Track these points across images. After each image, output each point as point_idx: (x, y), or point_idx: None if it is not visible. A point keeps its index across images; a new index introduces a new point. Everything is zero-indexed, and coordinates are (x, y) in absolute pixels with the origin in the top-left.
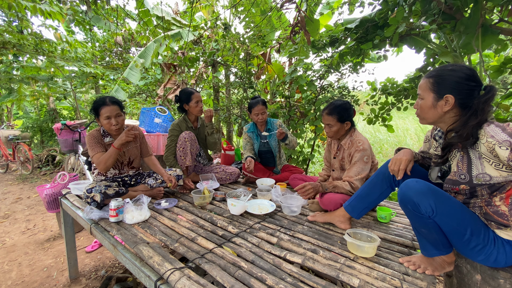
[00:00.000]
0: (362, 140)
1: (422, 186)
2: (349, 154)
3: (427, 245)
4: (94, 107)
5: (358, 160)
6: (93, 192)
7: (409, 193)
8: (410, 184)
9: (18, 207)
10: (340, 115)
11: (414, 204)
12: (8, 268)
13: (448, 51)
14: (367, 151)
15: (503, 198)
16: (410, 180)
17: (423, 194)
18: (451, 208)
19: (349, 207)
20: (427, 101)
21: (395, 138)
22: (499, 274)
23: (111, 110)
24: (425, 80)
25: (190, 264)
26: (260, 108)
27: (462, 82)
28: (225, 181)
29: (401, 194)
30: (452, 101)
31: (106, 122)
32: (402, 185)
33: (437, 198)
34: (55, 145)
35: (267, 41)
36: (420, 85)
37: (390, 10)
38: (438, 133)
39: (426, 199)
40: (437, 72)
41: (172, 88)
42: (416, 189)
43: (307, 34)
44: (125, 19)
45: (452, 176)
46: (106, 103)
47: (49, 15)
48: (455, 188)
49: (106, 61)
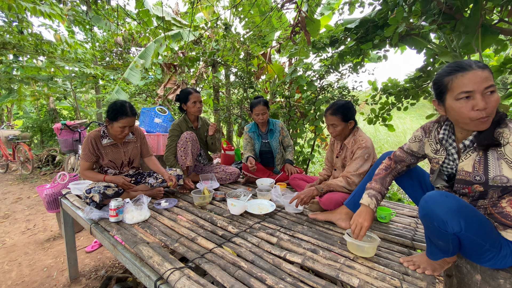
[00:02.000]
0: (365, 138)
1: (453, 203)
2: (351, 153)
3: (436, 251)
4: (114, 113)
5: (358, 156)
6: (92, 193)
7: (438, 211)
8: (438, 199)
9: (18, 207)
10: (344, 115)
11: (443, 222)
12: (8, 268)
13: (448, 51)
14: (369, 149)
15: (510, 200)
16: (437, 193)
17: (454, 213)
18: (479, 224)
19: (351, 204)
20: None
21: (395, 138)
22: (499, 274)
23: (129, 122)
24: (487, 71)
25: (190, 264)
26: (261, 109)
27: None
28: (225, 181)
29: (426, 209)
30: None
31: (119, 130)
32: (428, 199)
33: (467, 216)
34: (55, 145)
35: (267, 41)
36: (488, 77)
37: (390, 10)
38: (444, 137)
39: (457, 218)
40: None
41: (172, 88)
42: (447, 206)
43: (307, 34)
44: (125, 19)
45: (466, 176)
46: (128, 114)
47: (49, 17)
48: (467, 188)
49: (106, 61)
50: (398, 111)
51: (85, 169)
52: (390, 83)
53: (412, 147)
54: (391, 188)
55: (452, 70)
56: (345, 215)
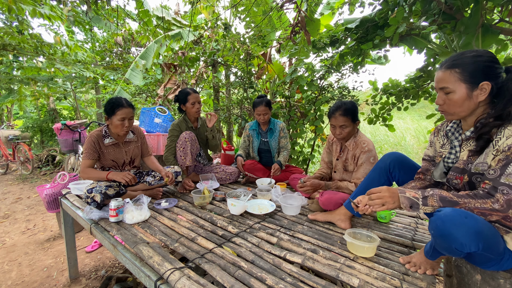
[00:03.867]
0: (366, 141)
1: (472, 223)
2: (353, 156)
3: (438, 254)
4: (110, 107)
5: (364, 161)
6: (93, 192)
7: (457, 234)
8: (457, 220)
9: (18, 207)
10: (354, 115)
11: (461, 244)
12: (8, 268)
13: (449, 51)
14: (373, 152)
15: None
16: (455, 213)
17: (474, 235)
18: (493, 241)
19: (350, 205)
20: (459, 93)
21: (395, 138)
22: (499, 274)
23: (127, 112)
24: (449, 72)
25: (190, 264)
26: (263, 109)
27: (493, 66)
28: (225, 181)
29: (443, 230)
30: (489, 88)
31: (119, 123)
32: (445, 218)
33: (486, 236)
34: (55, 145)
35: (268, 41)
36: (443, 78)
37: (390, 10)
38: (451, 129)
39: (476, 241)
40: (459, 61)
41: (172, 88)
42: (467, 228)
43: (307, 34)
44: (125, 19)
45: (461, 164)
46: (124, 105)
47: (48, 19)
48: (459, 178)
49: (106, 61)
50: (398, 111)
51: (86, 166)
52: (391, 83)
53: (429, 153)
54: None
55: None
56: (345, 215)
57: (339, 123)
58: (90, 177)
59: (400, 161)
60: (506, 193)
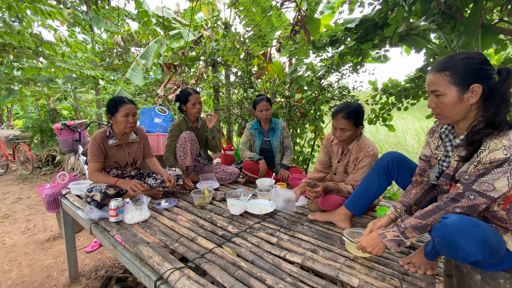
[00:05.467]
0: (370, 145)
1: (480, 232)
2: (355, 159)
3: (438, 255)
4: (113, 104)
5: (366, 165)
6: (93, 191)
7: (464, 243)
8: (465, 229)
9: (18, 207)
10: (356, 120)
11: (468, 254)
12: (8, 268)
13: (448, 51)
14: (376, 156)
15: (500, 204)
16: (462, 222)
17: (481, 244)
18: (498, 247)
19: (350, 205)
20: (450, 96)
21: (395, 138)
22: (499, 274)
23: (130, 108)
24: (439, 75)
25: (190, 264)
26: (264, 105)
27: (483, 68)
28: (225, 181)
29: (450, 239)
30: (480, 90)
31: (123, 119)
32: (452, 227)
33: (493, 244)
34: (55, 145)
35: (267, 41)
36: (433, 82)
37: (390, 10)
38: (445, 131)
39: (483, 250)
40: (449, 63)
41: (172, 88)
42: (474, 237)
43: (307, 33)
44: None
45: (451, 171)
46: (125, 101)
47: (49, 15)
48: (449, 184)
49: (106, 62)
50: (398, 111)
51: (95, 170)
52: (391, 83)
53: (425, 152)
54: (391, 188)
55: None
56: (345, 215)
57: (340, 126)
58: (97, 180)
59: (399, 161)
60: (473, 199)
